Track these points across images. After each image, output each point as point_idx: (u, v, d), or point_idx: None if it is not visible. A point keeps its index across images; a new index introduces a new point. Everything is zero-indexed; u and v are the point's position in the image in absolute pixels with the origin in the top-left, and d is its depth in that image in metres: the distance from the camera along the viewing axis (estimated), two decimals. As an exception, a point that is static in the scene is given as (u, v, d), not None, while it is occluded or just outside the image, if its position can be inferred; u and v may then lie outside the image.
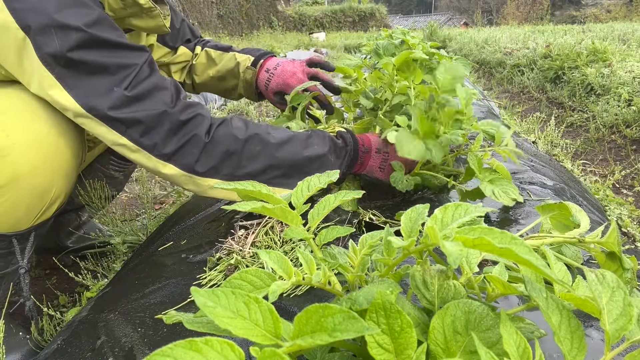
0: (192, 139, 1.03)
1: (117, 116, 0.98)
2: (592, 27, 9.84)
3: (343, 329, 0.40)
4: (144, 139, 1.00)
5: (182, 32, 1.55)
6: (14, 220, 1.03)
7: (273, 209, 0.61)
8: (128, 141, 1.00)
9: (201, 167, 1.04)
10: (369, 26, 21.69)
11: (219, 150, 1.05)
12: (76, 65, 0.95)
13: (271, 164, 1.09)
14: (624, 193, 2.34)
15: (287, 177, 1.11)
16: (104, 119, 0.98)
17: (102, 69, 0.97)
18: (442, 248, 0.44)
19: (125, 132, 0.99)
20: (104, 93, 0.97)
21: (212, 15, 16.00)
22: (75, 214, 1.75)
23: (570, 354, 0.47)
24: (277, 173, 1.10)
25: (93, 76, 0.96)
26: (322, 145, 1.16)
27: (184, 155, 1.03)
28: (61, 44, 0.92)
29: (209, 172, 1.05)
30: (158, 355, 0.36)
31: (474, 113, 1.72)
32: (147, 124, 1.00)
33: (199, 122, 1.04)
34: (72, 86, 0.96)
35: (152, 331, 0.85)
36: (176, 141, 1.02)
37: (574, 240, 0.85)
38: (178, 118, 1.02)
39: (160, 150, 1.01)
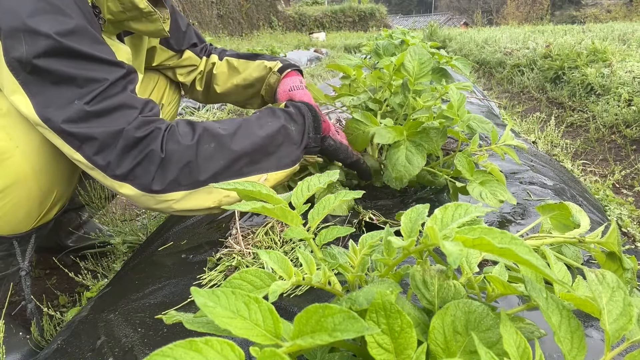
0: (148, 156, 0.96)
1: (70, 130, 0.92)
2: (592, 27, 9.84)
3: (343, 329, 0.40)
4: (97, 157, 0.95)
5: (188, 36, 1.52)
6: (15, 223, 1.03)
7: (273, 209, 0.61)
8: (82, 158, 0.95)
9: (158, 184, 0.98)
10: (369, 26, 21.69)
11: (174, 162, 0.98)
12: (41, 73, 0.90)
13: (232, 158, 1.03)
14: (624, 193, 2.34)
15: (254, 162, 1.06)
16: (58, 132, 0.93)
17: (68, 80, 0.92)
18: (442, 248, 0.44)
19: (79, 147, 0.94)
20: (63, 105, 0.92)
21: (212, 15, 16.00)
22: (75, 214, 1.75)
23: (570, 354, 0.47)
24: (243, 162, 1.05)
25: (57, 86, 0.92)
26: (275, 119, 1.11)
27: (140, 175, 0.97)
28: (28, 49, 0.88)
29: (169, 187, 0.99)
30: (158, 355, 0.36)
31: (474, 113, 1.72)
32: (102, 141, 0.94)
33: (155, 137, 0.98)
34: (35, 94, 0.92)
35: (152, 331, 0.85)
36: (131, 160, 0.96)
37: (574, 240, 0.85)
38: (133, 135, 0.95)
39: (114, 170, 0.95)
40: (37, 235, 1.12)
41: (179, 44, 1.50)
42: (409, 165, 1.09)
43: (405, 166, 1.09)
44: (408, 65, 1.19)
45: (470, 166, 1.09)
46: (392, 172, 1.11)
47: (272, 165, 1.08)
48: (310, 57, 9.87)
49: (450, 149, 1.47)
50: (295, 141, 1.12)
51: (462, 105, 1.18)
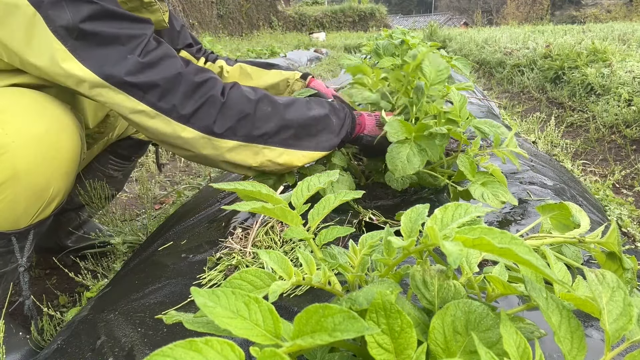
0: (209, 100, 1.05)
1: (134, 81, 0.99)
2: (592, 27, 9.84)
3: (343, 329, 0.40)
4: (162, 102, 1.02)
5: (182, 36, 1.56)
6: (13, 219, 1.03)
7: (273, 209, 0.61)
8: (146, 106, 1.01)
9: (219, 127, 1.06)
10: (369, 26, 21.69)
11: (234, 111, 1.07)
12: (88, 36, 0.97)
13: (283, 124, 1.13)
14: (624, 193, 2.34)
15: (297, 137, 1.16)
16: (122, 86, 0.99)
17: (113, 39, 0.99)
18: (442, 248, 0.44)
19: (143, 97, 1.01)
20: (118, 61, 0.99)
21: (212, 15, 16.00)
22: (75, 214, 1.75)
23: (570, 354, 0.47)
24: (289, 133, 1.14)
25: (105, 47, 0.99)
26: (321, 107, 1.22)
27: (202, 117, 1.05)
28: (73, 16, 0.95)
29: (227, 133, 1.07)
30: (158, 356, 0.36)
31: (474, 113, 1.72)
32: (164, 86, 1.02)
33: (213, 84, 1.07)
34: (86, 57, 0.97)
35: (152, 331, 0.85)
36: (193, 102, 1.04)
37: (574, 240, 0.85)
38: (193, 80, 1.04)
39: (179, 112, 1.03)
40: (36, 232, 1.12)
41: (173, 43, 1.53)
42: (407, 163, 1.09)
43: (403, 163, 1.10)
44: (426, 70, 1.20)
45: (473, 167, 1.10)
46: (388, 164, 1.12)
47: (311, 146, 1.19)
48: (310, 57, 9.88)
49: (451, 150, 1.47)
50: (335, 131, 1.23)
51: (464, 106, 1.18)
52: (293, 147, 1.16)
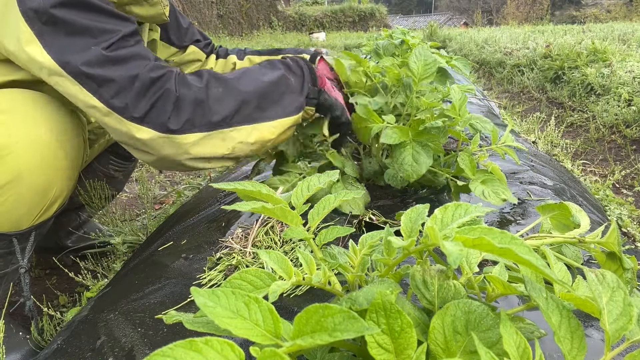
0: (164, 95, 0.99)
1: (89, 72, 0.94)
2: (592, 27, 9.84)
3: (343, 329, 0.40)
4: (115, 100, 0.96)
5: (190, 33, 1.54)
6: (15, 219, 1.03)
7: (273, 209, 0.61)
8: (99, 102, 0.96)
9: (175, 123, 1.00)
10: (369, 26, 21.68)
11: (187, 101, 1.01)
12: (57, 23, 0.93)
13: (241, 100, 1.07)
14: (624, 193, 2.34)
15: (261, 109, 1.10)
16: (76, 75, 0.94)
17: (83, 30, 0.95)
18: (442, 248, 0.44)
19: (96, 91, 0.95)
20: (79, 50, 0.94)
21: (212, 15, 15.99)
22: (75, 214, 1.75)
23: (570, 354, 0.47)
24: (251, 107, 1.08)
25: (73, 36, 0.94)
26: (275, 69, 1.16)
27: (157, 114, 0.98)
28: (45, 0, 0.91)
29: (185, 126, 1.01)
30: (158, 356, 0.36)
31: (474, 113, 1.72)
32: (120, 84, 0.96)
33: (168, 77, 1.01)
34: (50, 43, 0.93)
35: (152, 331, 0.85)
36: (147, 100, 0.98)
37: (574, 240, 0.85)
38: (149, 76, 0.98)
39: (132, 112, 0.97)
40: (37, 233, 1.12)
41: (180, 40, 1.52)
42: (416, 164, 1.10)
43: (412, 165, 1.10)
44: (413, 66, 1.20)
45: (472, 165, 1.10)
46: (399, 172, 1.12)
47: (278, 113, 1.12)
48: (310, 57, 9.85)
49: (451, 149, 1.47)
50: (296, 90, 1.16)
51: (464, 105, 1.18)
52: (260, 121, 1.09)
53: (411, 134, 1.13)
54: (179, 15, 1.49)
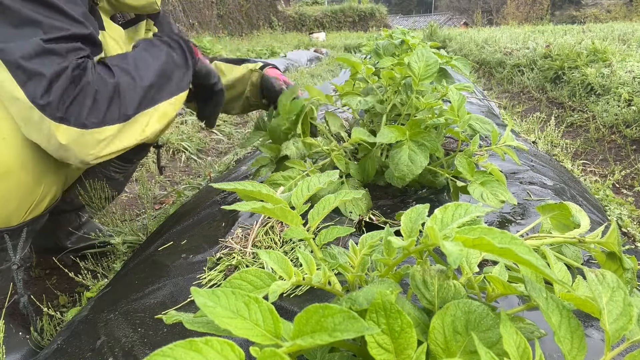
0: (84, 89, 0.97)
1: (22, 63, 0.91)
2: (592, 27, 9.84)
3: (343, 329, 0.40)
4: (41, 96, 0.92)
5: None
6: (5, 216, 1.03)
7: (273, 209, 0.61)
8: (24, 95, 0.92)
9: (94, 117, 0.98)
10: (369, 26, 21.69)
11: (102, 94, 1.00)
12: (6, 11, 0.92)
13: (145, 86, 1.08)
14: (624, 193, 2.34)
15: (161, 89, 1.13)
16: (9, 64, 0.91)
17: (32, 23, 0.93)
18: (442, 248, 0.44)
19: (25, 83, 0.92)
20: (19, 39, 0.92)
21: (212, 15, 15.99)
22: (75, 215, 1.75)
23: (570, 354, 0.47)
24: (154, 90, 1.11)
25: (19, 28, 0.92)
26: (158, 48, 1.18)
27: (76, 110, 0.95)
28: None
29: (104, 119, 1.00)
30: (158, 356, 0.36)
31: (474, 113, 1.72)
32: (50, 80, 0.92)
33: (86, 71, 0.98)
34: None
35: (152, 331, 0.85)
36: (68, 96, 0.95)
37: (574, 240, 0.85)
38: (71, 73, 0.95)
39: (54, 110, 0.93)
40: (29, 230, 1.11)
41: None
42: (411, 164, 1.10)
43: (408, 165, 1.10)
44: (414, 66, 1.20)
45: (471, 167, 1.09)
46: (394, 172, 1.11)
47: (173, 89, 1.16)
48: (310, 57, 9.88)
49: (451, 149, 1.47)
50: (182, 64, 1.21)
51: (462, 105, 1.18)
52: (160, 100, 1.12)
53: (408, 134, 1.13)
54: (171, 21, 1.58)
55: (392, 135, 1.11)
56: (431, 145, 1.11)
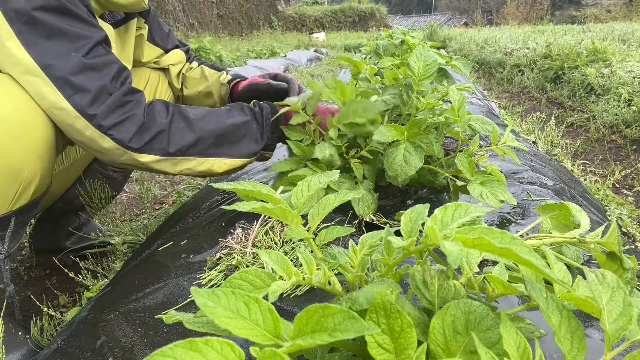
0: (131, 117, 1.10)
1: (71, 79, 1.02)
2: (592, 27, 9.84)
3: (343, 328, 0.40)
4: (87, 107, 1.04)
5: (171, 38, 1.63)
6: None
7: (273, 209, 0.61)
8: (70, 106, 1.03)
9: (135, 143, 1.11)
10: (369, 26, 21.70)
11: (151, 129, 1.13)
12: (38, 24, 1.00)
13: (199, 136, 1.19)
14: (624, 193, 2.34)
15: (218, 145, 1.22)
16: (56, 79, 1.01)
17: (60, 33, 1.03)
18: (442, 248, 0.44)
19: (70, 96, 1.03)
20: (61, 55, 1.02)
21: (212, 15, 15.99)
22: (74, 215, 1.75)
23: (570, 354, 0.47)
24: (208, 143, 1.21)
25: (51, 38, 1.02)
26: (242, 114, 1.27)
27: (121, 131, 1.09)
28: (26, 3, 0.98)
29: (143, 148, 1.12)
30: (158, 355, 0.36)
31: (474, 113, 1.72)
32: (95, 93, 1.04)
33: (139, 104, 1.12)
34: (30, 43, 1.00)
35: (153, 331, 0.85)
36: (116, 116, 1.08)
37: (574, 240, 0.85)
38: (122, 98, 1.09)
39: (100, 121, 1.06)
40: (18, 221, 1.10)
41: (164, 42, 1.60)
42: (405, 165, 1.09)
43: (402, 166, 1.10)
44: (413, 66, 1.20)
45: (471, 166, 1.09)
46: (388, 171, 1.11)
47: (232, 153, 1.25)
48: (310, 57, 9.88)
49: (451, 149, 1.47)
50: (255, 137, 1.28)
51: (463, 106, 1.18)
52: (213, 156, 1.22)
53: (406, 134, 1.13)
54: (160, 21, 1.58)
55: (389, 134, 1.11)
56: (427, 147, 1.11)
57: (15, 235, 1.11)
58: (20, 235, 1.14)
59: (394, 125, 1.13)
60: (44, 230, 1.74)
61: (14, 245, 1.13)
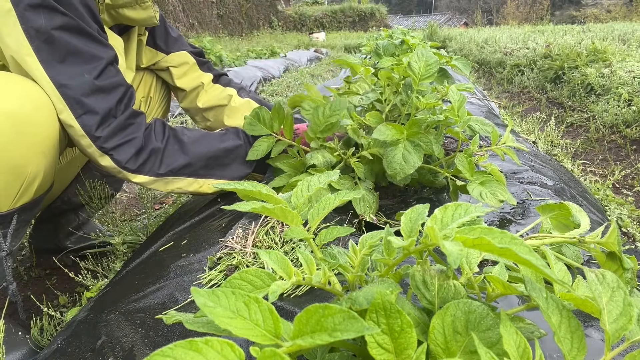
0: (131, 141, 1.18)
1: (82, 100, 1.08)
2: (592, 27, 9.84)
3: (343, 328, 0.40)
4: (94, 129, 1.11)
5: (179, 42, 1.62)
6: None
7: (273, 209, 0.61)
8: (78, 125, 1.10)
9: (132, 164, 1.19)
10: (369, 26, 21.70)
11: (147, 151, 1.21)
12: (55, 42, 1.06)
13: (190, 159, 1.27)
14: (624, 193, 2.34)
15: (208, 168, 1.30)
16: (68, 98, 1.08)
17: (76, 53, 1.09)
18: (442, 248, 0.44)
19: (80, 116, 1.10)
20: (74, 76, 1.08)
21: (212, 15, 15.99)
22: (74, 214, 1.75)
23: (570, 354, 0.47)
24: (199, 165, 1.29)
25: (67, 57, 1.08)
26: (236, 138, 1.35)
27: (120, 153, 1.16)
28: (46, 22, 1.04)
29: (138, 169, 1.20)
30: (158, 356, 0.36)
31: (474, 113, 1.72)
32: (102, 116, 1.12)
33: (139, 128, 1.20)
34: (45, 60, 1.06)
35: (153, 331, 0.85)
36: (118, 139, 1.16)
37: (573, 240, 0.85)
38: (125, 121, 1.17)
39: (103, 143, 1.14)
40: (21, 219, 1.10)
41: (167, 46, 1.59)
42: (404, 164, 1.09)
43: (401, 164, 1.10)
44: (414, 66, 1.20)
45: (471, 166, 1.09)
46: (387, 169, 1.11)
47: (223, 176, 1.33)
48: (310, 57, 9.88)
49: (451, 149, 1.47)
50: (246, 162, 1.36)
51: (463, 106, 1.18)
52: (203, 177, 1.30)
53: (406, 133, 1.13)
54: (168, 26, 1.60)
55: (389, 133, 1.11)
56: (426, 146, 1.11)
57: (17, 233, 1.11)
58: (22, 234, 1.14)
59: (394, 124, 1.13)
60: (44, 230, 1.74)
61: (15, 244, 1.13)
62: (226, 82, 1.67)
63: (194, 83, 1.62)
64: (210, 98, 1.62)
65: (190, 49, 1.63)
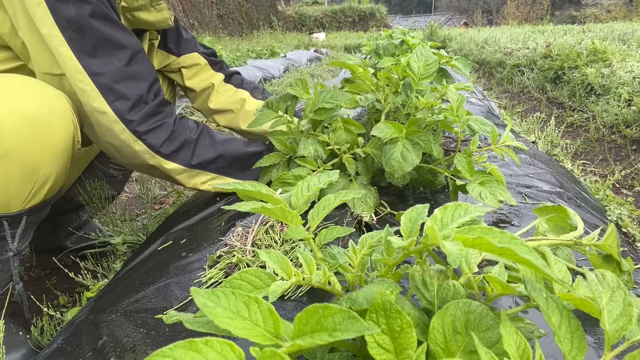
0: (163, 125, 1.22)
1: (113, 86, 1.13)
2: (592, 27, 9.84)
3: (343, 328, 0.40)
4: (127, 113, 1.15)
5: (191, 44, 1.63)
6: (5, 200, 1.02)
7: (273, 209, 0.61)
8: (111, 111, 1.14)
9: (165, 149, 1.23)
10: (369, 26, 21.69)
11: (179, 139, 1.26)
12: (85, 31, 1.10)
13: (219, 155, 1.32)
14: (624, 193, 2.34)
15: (231, 167, 1.35)
16: (100, 85, 1.12)
17: (105, 41, 1.13)
18: (442, 248, 0.44)
19: (112, 102, 1.14)
20: (105, 63, 1.13)
21: (212, 15, 15.99)
22: (75, 214, 1.75)
23: (570, 354, 0.47)
24: (224, 163, 1.34)
25: (97, 45, 1.12)
26: (259, 146, 1.41)
27: (154, 136, 1.21)
28: (76, 11, 1.08)
29: (171, 155, 1.25)
30: (158, 356, 0.36)
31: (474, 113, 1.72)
32: (134, 101, 1.16)
33: (170, 115, 1.26)
34: (78, 49, 1.10)
35: (154, 331, 0.85)
36: (150, 123, 1.20)
37: (570, 242, 0.85)
38: (156, 108, 1.21)
39: (136, 127, 1.18)
40: (29, 221, 1.10)
41: (178, 48, 1.60)
42: (402, 161, 1.10)
43: (399, 162, 1.10)
44: (414, 66, 1.20)
45: (470, 166, 1.09)
46: (385, 166, 1.11)
47: (242, 176, 1.36)
48: (310, 57, 9.88)
49: (450, 149, 1.47)
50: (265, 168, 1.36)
51: (462, 105, 1.18)
52: (225, 175, 1.35)
53: (405, 132, 1.13)
54: (182, 27, 1.60)
55: (388, 130, 1.11)
56: (425, 145, 1.11)
57: (24, 234, 1.11)
58: (29, 235, 1.14)
59: (393, 122, 1.13)
60: (44, 230, 1.74)
61: (22, 244, 1.13)
62: (238, 81, 1.69)
63: (204, 84, 1.64)
64: (222, 100, 1.64)
65: (202, 49, 1.65)
